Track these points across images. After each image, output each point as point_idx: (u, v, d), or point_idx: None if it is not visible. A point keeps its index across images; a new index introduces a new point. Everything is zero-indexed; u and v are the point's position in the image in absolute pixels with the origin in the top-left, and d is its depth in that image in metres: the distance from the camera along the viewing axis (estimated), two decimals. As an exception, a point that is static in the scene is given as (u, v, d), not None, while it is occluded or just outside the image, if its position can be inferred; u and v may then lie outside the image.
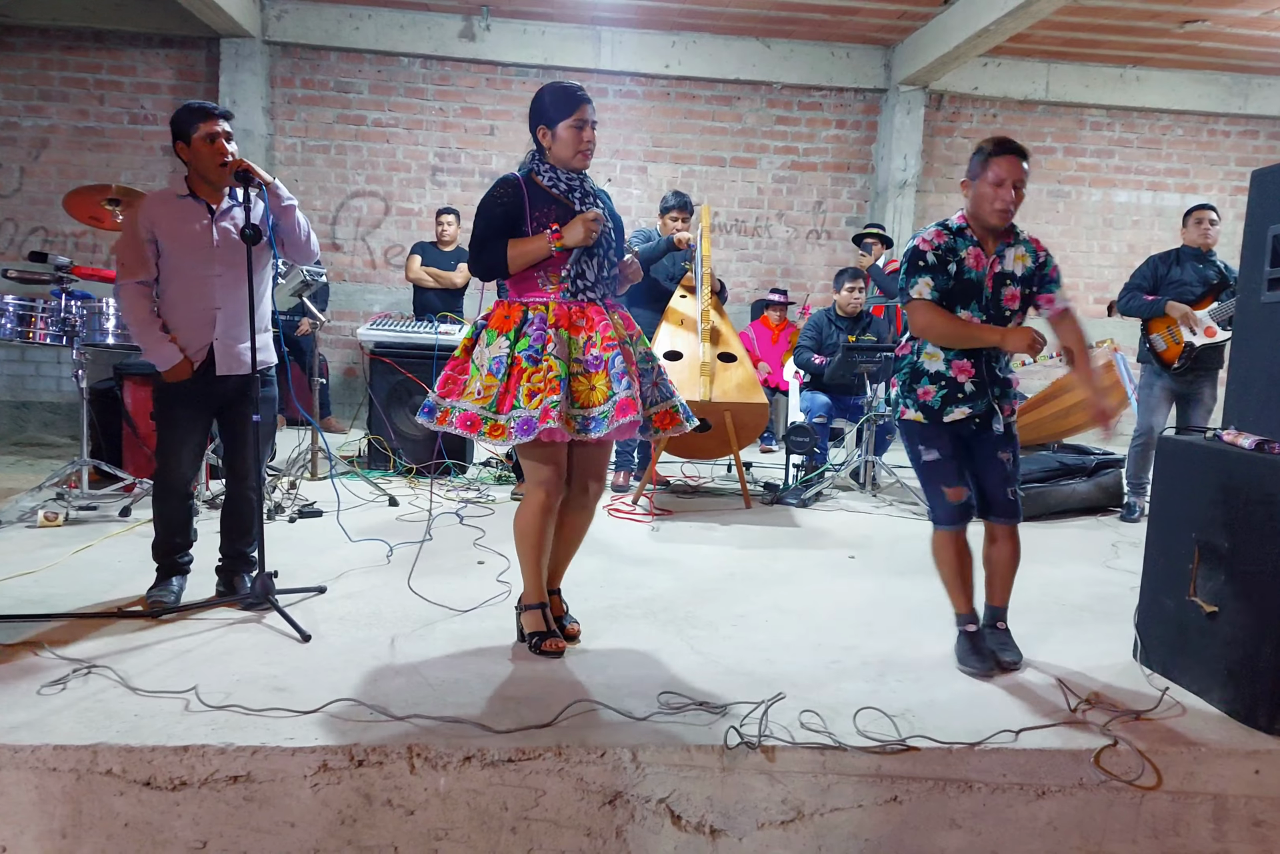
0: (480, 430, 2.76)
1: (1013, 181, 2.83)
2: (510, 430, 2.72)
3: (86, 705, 2.43)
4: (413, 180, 8.49)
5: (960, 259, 2.93)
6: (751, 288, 8.92)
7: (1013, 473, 3.04)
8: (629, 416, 2.71)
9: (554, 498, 2.87)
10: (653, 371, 2.97)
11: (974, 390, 2.96)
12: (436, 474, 5.64)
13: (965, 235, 2.96)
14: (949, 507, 2.98)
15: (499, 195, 2.86)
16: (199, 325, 3.18)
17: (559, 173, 2.88)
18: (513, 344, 2.78)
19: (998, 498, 3.03)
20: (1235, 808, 2.45)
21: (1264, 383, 2.80)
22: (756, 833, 2.34)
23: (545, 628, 2.94)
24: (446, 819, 2.28)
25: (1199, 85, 8.99)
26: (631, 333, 2.95)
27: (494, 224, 2.84)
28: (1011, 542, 3.07)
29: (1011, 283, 2.97)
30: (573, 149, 2.84)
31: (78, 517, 4.39)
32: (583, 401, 2.78)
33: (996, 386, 2.99)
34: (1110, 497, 5.57)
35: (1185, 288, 5.10)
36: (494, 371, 2.77)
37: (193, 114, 3.12)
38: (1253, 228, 2.90)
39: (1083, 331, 3.05)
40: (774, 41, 8.51)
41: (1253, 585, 2.59)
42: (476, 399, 2.78)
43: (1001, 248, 2.96)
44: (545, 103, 2.85)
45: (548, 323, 2.79)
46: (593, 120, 2.85)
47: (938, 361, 3.00)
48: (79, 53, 8.04)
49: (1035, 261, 3.00)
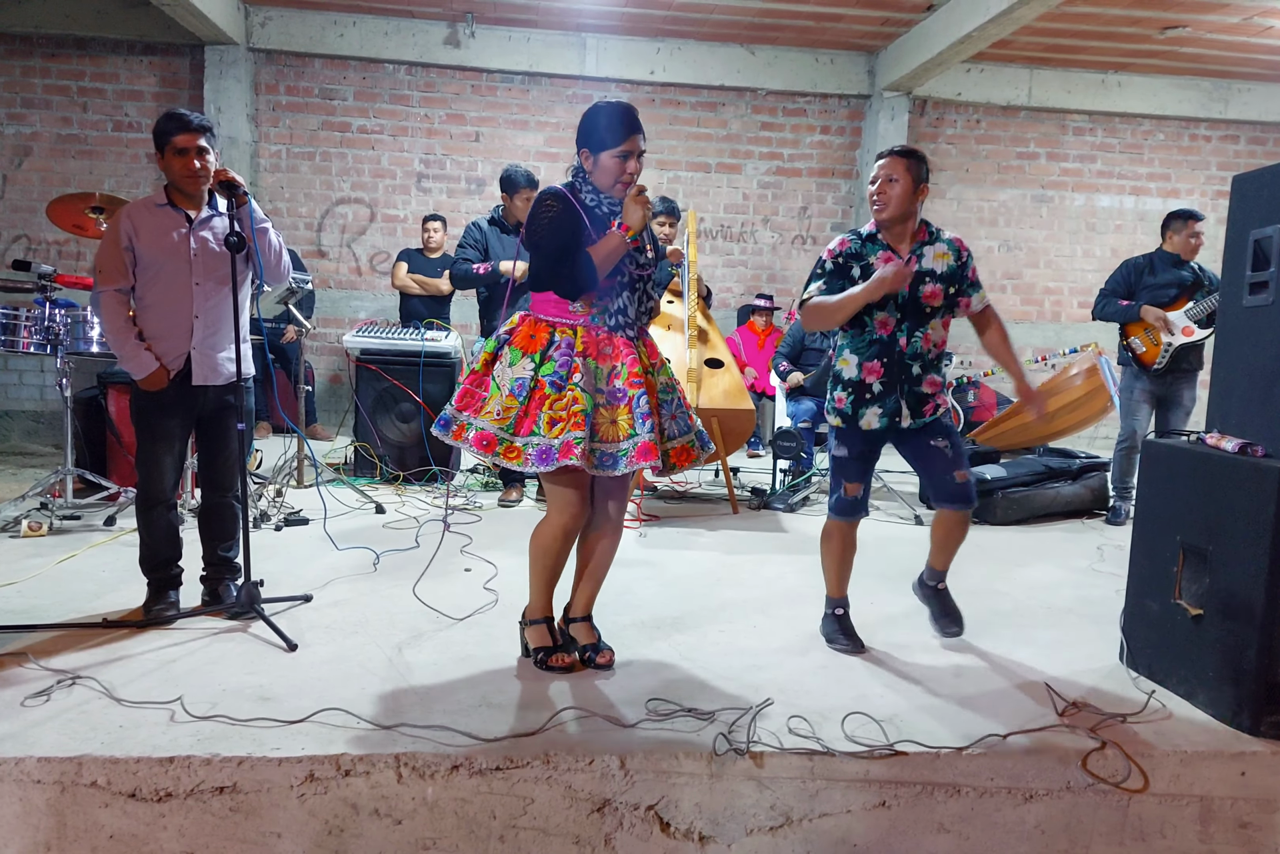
0: (495, 451, 2.68)
1: (883, 177, 2.99)
2: (528, 456, 2.65)
3: (70, 717, 2.41)
4: (398, 187, 8.48)
5: (867, 264, 3.04)
6: (737, 293, 8.93)
7: (955, 458, 3.11)
8: (648, 462, 2.65)
9: (576, 521, 2.80)
10: (672, 403, 2.87)
11: (881, 390, 3.07)
12: (425, 481, 5.63)
13: (876, 240, 3.08)
14: (843, 500, 3.17)
15: (551, 208, 2.72)
16: (176, 334, 3.16)
17: (601, 196, 2.78)
18: (537, 367, 2.69)
19: (944, 482, 3.12)
20: (1221, 810, 2.46)
21: (1246, 386, 2.81)
22: (745, 839, 2.34)
23: (551, 643, 2.89)
24: (434, 828, 2.27)
25: (1180, 90, 9.06)
26: (655, 361, 2.87)
27: (566, 237, 2.70)
28: (963, 526, 3.19)
29: (931, 280, 3.06)
30: (613, 178, 2.73)
31: (62, 526, 4.36)
32: (603, 435, 2.70)
33: (907, 385, 3.07)
34: (1096, 500, 5.59)
35: (1160, 291, 5.14)
36: (515, 393, 2.69)
37: (170, 122, 3.08)
38: (1234, 233, 2.92)
39: (1004, 330, 3.22)
40: (758, 48, 8.54)
41: (1237, 588, 2.60)
42: (495, 419, 2.69)
43: (918, 247, 3.07)
44: (594, 124, 2.73)
45: (575, 350, 2.70)
46: (641, 151, 2.73)
47: (850, 367, 3.11)
48: (61, 60, 8.00)
49: (957, 260, 3.11)
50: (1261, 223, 2.77)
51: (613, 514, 2.94)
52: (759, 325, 7.93)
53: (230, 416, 3.23)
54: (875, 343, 3.07)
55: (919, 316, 3.06)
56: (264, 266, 3.22)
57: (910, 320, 3.06)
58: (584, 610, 2.98)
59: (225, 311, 3.18)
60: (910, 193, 2.99)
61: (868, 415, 3.09)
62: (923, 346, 3.08)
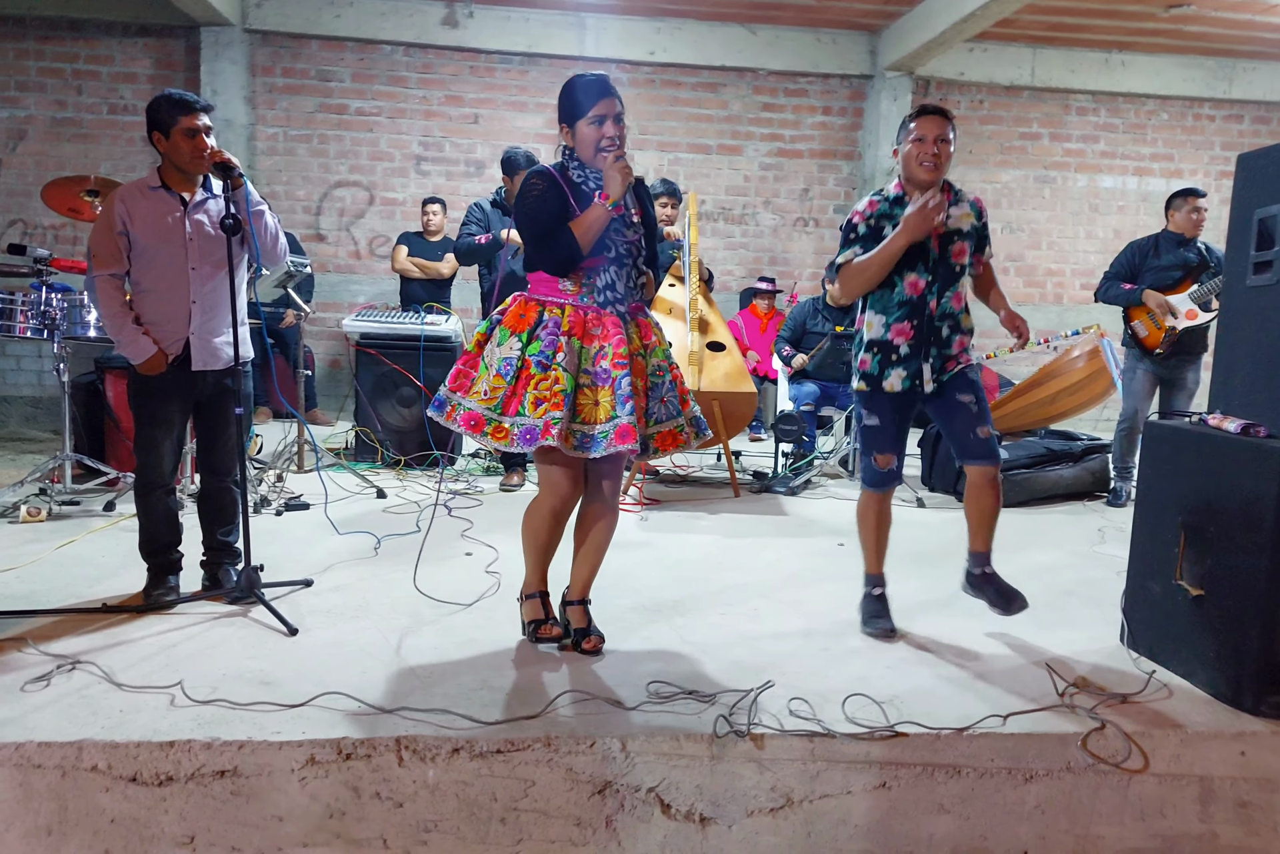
0: (484, 430, 2.68)
1: (934, 137, 2.97)
2: (514, 436, 2.65)
3: (70, 701, 2.41)
4: (396, 169, 8.43)
5: (898, 224, 3.00)
6: (739, 276, 8.90)
7: (979, 414, 3.07)
8: (626, 444, 2.61)
9: (567, 503, 2.79)
10: (663, 386, 2.83)
11: (909, 351, 3.07)
12: (426, 466, 5.63)
13: (902, 203, 3.05)
14: (876, 472, 3.14)
15: (536, 185, 2.71)
16: (174, 319, 3.14)
17: (587, 171, 2.74)
18: (524, 346, 2.68)
19: (968, 439, 3.07)
20: (1221, 790, 2.46)
21: (1249, 367, 2.80)
22: (746, 821, 2.34)
23: (542, 616, 2.92)
24: (435, 811, 2.28)
25: (1184, 70, 8.99)
26: (648, 342, 2.83)
27: (549, 215, 2.68)
28: (992, 489, 3.09)
29: (959, 239, 3.07)
30: (593, 146, 2.69)
31: (61, 512, 4.36)
32: (585, 417, 2.68)
33: (935, 347, 3.07)
34: (1097, 482, 5.58)
35: (1164, 273, 5.11)
36: (503, 373, 2.68)
37: (174, 106, 3.06)
38: (1238, 212, 2.90)
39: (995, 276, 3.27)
40: (759, 27, 8.47)
41: (1238, 569, 2.60)
42: (483, 399, 2.69)
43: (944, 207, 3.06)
44: (566, 98, 2.72)
45: (561, 329, 2.68)
46: (616, 113, 2.69)
47: (876, 328, 3.11)
48: (55, 42, 7.95)
49: (979, 219, 3.14)
50: (1267, 201, 2.75)
51: (607, 496, 2.91)
52: (761, 309, 7.89)
53: (229, 401, 3.22)
54: (905, 304, 3.05)
55: (949, 276, 3.06)
56: (260, 249, 3.20)
57: (940, 281, 3.05)
58: (580, 594, 2.96)
59: (223, 296, 3.16)
60: (952, 154, 3.02)
61: (891, 377, 3.07)
62: (953, 306, 3.08)
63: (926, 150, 2.96)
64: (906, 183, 3.07)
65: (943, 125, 2.97)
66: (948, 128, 2.98)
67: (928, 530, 4.58)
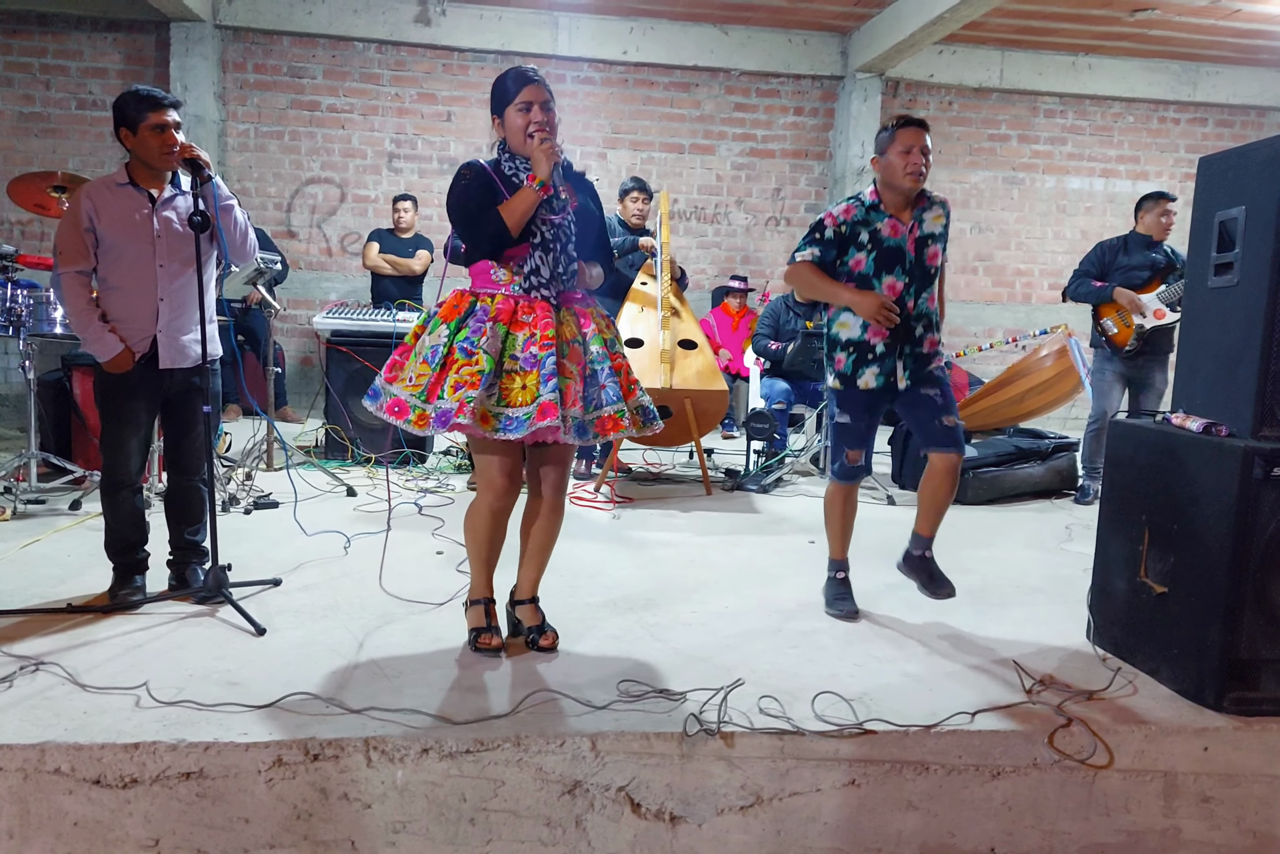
0: (407, 418, 2.67)
1: (919, 148, 3.06)
2: (431, 420, 2.64)
3: (33, 703, 2.38)
4: (369, 167, 8.39)
5: (875, 230, 3.12)
6: (711, 275, 8.92)
7: (944, 405, 3.16)
8: (548, 419, 2.59)
9: (505, 498, 2.77)
10: (602, 373, 2.79)
11: (884, 351, 3.15)
12: (395, 463, 5.60)
13: (878, 210, 3.15)
14: (845, 466, 3.28)
15: (465, 176, 2.73)
16: (141, 316, 3.11)
17: (518, 162, 2.75)
18: (452, 334, 2.69)
19: (933, 426, 3.15)
20: (1185, 785, 2.49)
21: (1211, 367, 2.83)
22: (716, 819, 2.35)
23: (484, 624, 2.86)
24: (404, 812, 2.27)
25: (1149, 73, 9.10)
26: (585, 330, 2.80)
27: (476, 201, 2.68)
28: (950, 477, 3.15)
29: (933, 242, 3.17)
30: (521, 133, 2.69)
31: (26, 511, 4.31)
32: (509, 400, 2.66)
33: (909, 346, 3.16)
34: (1065, 480, 5.64)
35: (1133, 273, 5.17)
36: (428, 360, 2.69)
37: (141, 102, 3.03)
38: (1200, 214, 2.93)
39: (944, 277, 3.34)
40: (731, 28, 8.49)
41: (1201, 566, 2.63)
42: (408, 386, 2.70)
43: (919, 213, 3.16)
44: (494, 91, 2.74)
45: (488, 315, 2.69)
46: (544, 101, 2.69)
47: (852, 329, 3.19)
48: (23, 36, 7.85)
49: (947, 219, 3.22)
50: (1226, 204, 2.78)
51: (549, 493, 2.88)
52: (733, 307, 7.91)
53: (196, 399, 3.19)
54: None
55: (925, 278, 3.17)
56: (229, 246, 3.17)
57: (917, 283, 3.15)
58: (529, 592, 2.95)
59: (191, 293, 3.12)
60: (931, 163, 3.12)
61: (866, 374, 3.17)
62: (927, 307, 3.19)
63: (915, 160, 3.05)
64: (884, 190, 3.14)
65: (924, 136, 3.08)
66: (928, 138, 3.08)
67: (898, 528, 4.60)
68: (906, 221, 3.13)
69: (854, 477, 3.29)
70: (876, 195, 3.15)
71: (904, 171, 3.05)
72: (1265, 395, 2.61)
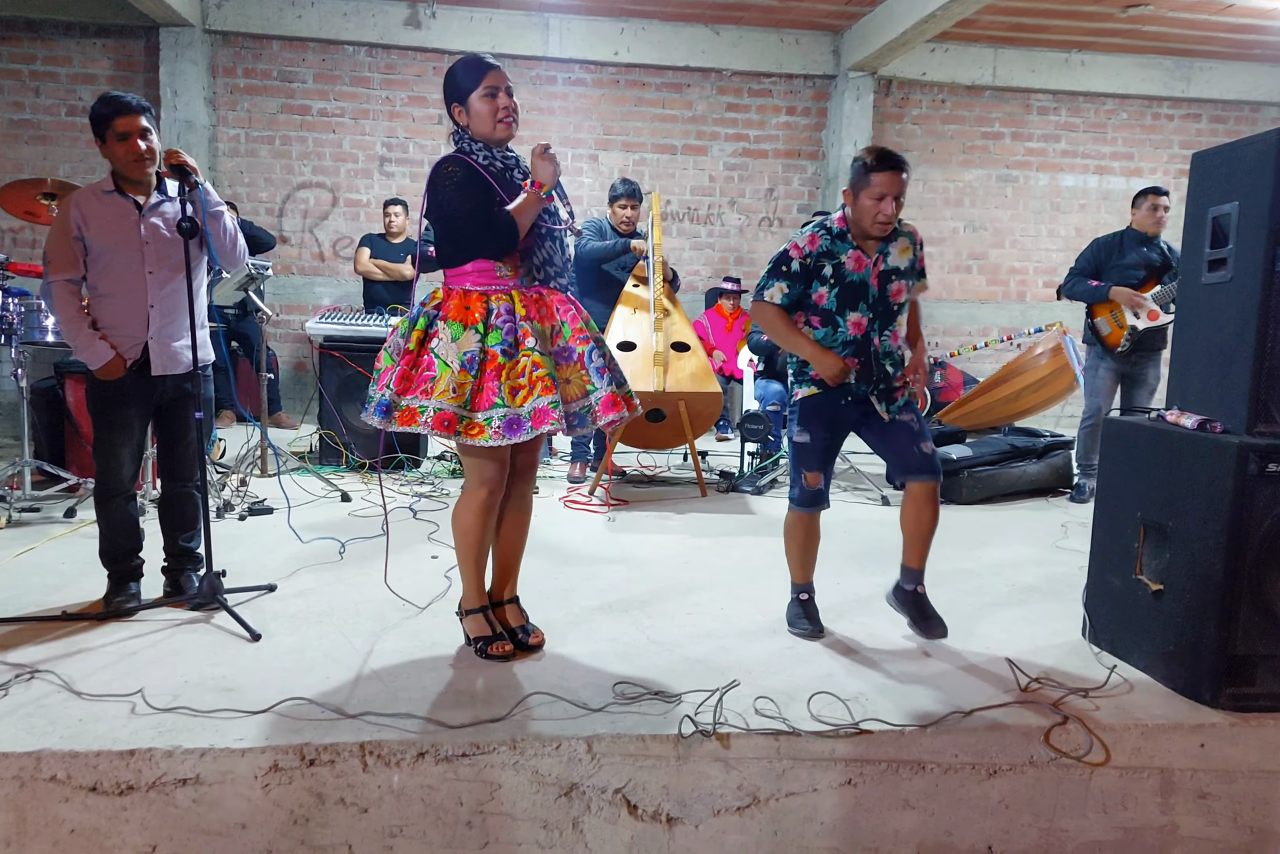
0: (457, 430, 2.60)
1: (893, 195, 2.92)
2: (495, 430, 2.58)
3: (29, 711, 2.37)
4: (360, 171, 8.37)
5: (839, 262, 3.01)
6: (705, 276, 8.91)
7: (920, 432, 3.08)
8: (615, 413, 2.63)
9: (495, 497, 2.76)
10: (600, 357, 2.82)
11: (855, 386, 3.05)
12: (390, 468, 5.59)
13: (845, 239, 3.03)
14: (805, 490, 3.12)
15: (453, 173, 2.63)
16: (132, 323, 3.10)
17: (494, 151, 2.71)
18: (483, 338, 2.63)
19: (912, 454, 3.07)
20: (1181, 781, 2.49)
21: (1205, 363, 2.83)
22: (712, 820, 2.35)
23: (490, 632, 2.84)
24: (401, 816, 2.26)
25: (1142, 69, 9.10)
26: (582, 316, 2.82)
27: (475, 198, 2.61)
28: (930, 504, 3.08)
29: (897, 277, 3.06)
30: (491, 119, 2.65)
31: (20, 519, 4.30)
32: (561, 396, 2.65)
33: (883, 383, 3.06)
34: (1060, 478, 5.64)
35: (1129, 271, 5.16)
36: (466, 368, 2.61)
37: (107, 106, 3.01)
38: (1194, 210, 2.93)
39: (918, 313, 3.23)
40: (723, 28, 8.49)
41: (1196, 563, 2.63)
42: (451, 397, 2.60)
43: (884, 246, 3.05)
44: (451, 81, 2.70)
45: (517, 315, 2.65)
46: (507, 86, 2.67)
47: None
48: (12, 43, 7.82)
49: (915, 252, 3.11)
50: (1220, 200, 2.78)
51: (516, 482, 2.89)
52: (726, 308, 7.90)
53: (189, 405, 3.19)
54: (850, 343, 3.02)
55: (889, 315, 3.05)
56: (218, 251, 3.16)
57: (881, 319, 3.04)
58: (510, 594, 2.97)
59: (181, 300, 3.11)
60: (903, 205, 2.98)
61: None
62: (891, 344, 3.08)
63: (885, 210, 2.91)
64: (853, 224, 3.02)
65: (901, 183, 2.92)
66: (904, 184, 2.93)
67: (892, 528, 4.59)
68: (871, 254, 3.02)
69: (814, 504, 3.13)
70: (844, 223, 3.04)
71: (873, 219, 2.93)
72: (1259, 391, 2.62)
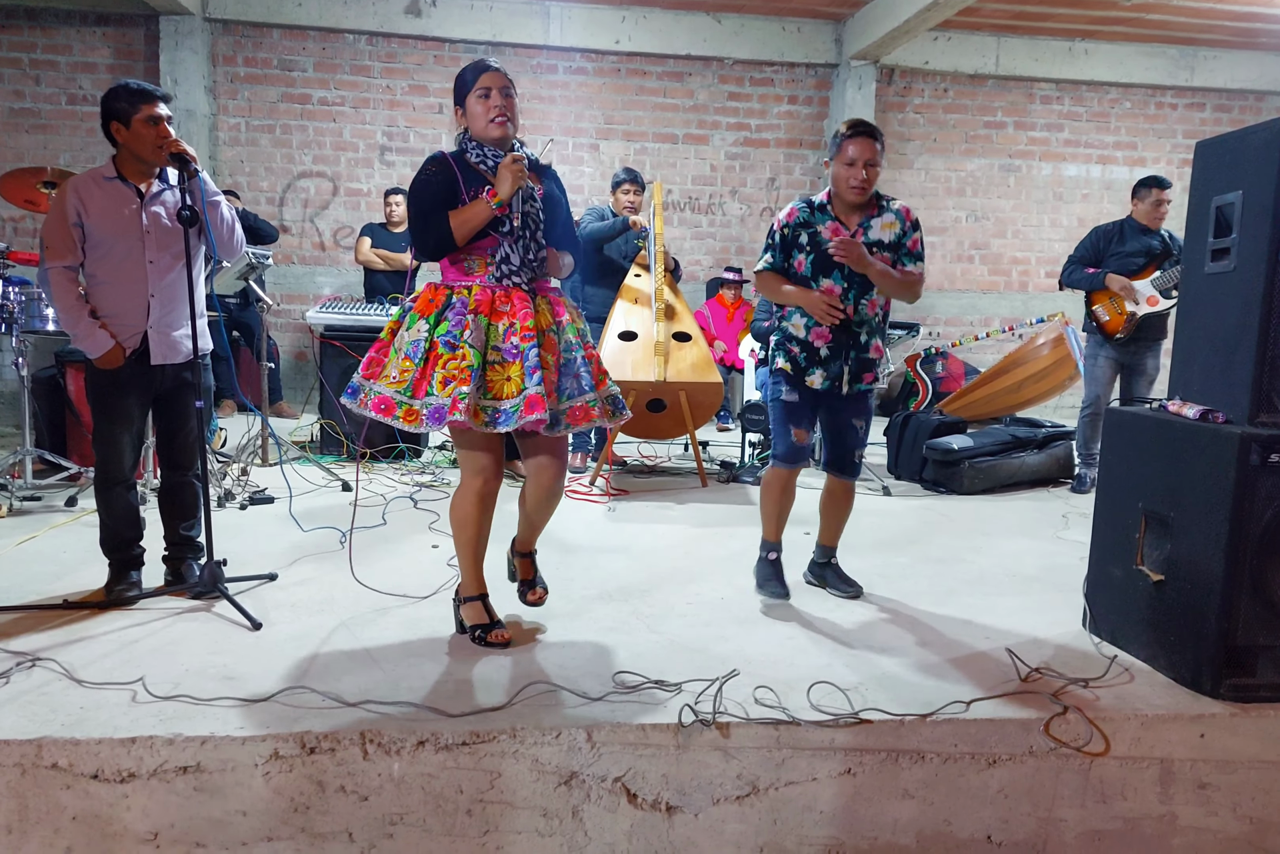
0: (395, 414, 2.69)
1: (864, 161, 3.04)
2: (423, 417, 2.66)
3: (30, 699, 2.38)
4: (361, 160, 8.36)
5: (814, 232, 3.15)
6: (706, 266, 8.90)
7: (860, 440, 3.34)
8: (535, 414, 2.62)
9: (490, 485, 2.79)
10: (575, 362, 2.81)
11: (829, 354, 3.21)
12: (390, 458, 5.59)
13: (825, 211, 3.17)
14: (790, 446, 3.28)
15: (428, 172, 2.77)
16: (132, 312, 3.09)
17: (485, 149, 2.78)
18: (432, 328, 2.70)
19: (845, 457, 3.35)
20: (1181, 771, 2.49)
21: (1207, 353, 2.82)
22: (712, 809, 2.35)
23: (488, 620, 2.86)
24: (401, 804, 2.27)
25: (1146, 58, 9.06)
26: (560, 319, 2.82)
27: (431, 200, 2.74)
28: (849, 496, 3.43)
29: (879, 250, 3.16)
30: (482, 119, 2.74)
31: (21, 507, 4.30)
32: (495, 392, 2.69)
33: (854, 351, 3.21)
34: (1061, 468, 5.64)
35: (1128, 259, 5.15)
36: (410, 355, 2.70)
37: (134, 94, 3.01)
38: (1197, 199, 2.92)
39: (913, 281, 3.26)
40: (724, 16, 8.45)
41: (1197, 554, 2.63)
42: (392, 383, 2.71)
43: (866, 220, 3.16)
44: (457, 82, 2.81)
45: (468, 308, 2.71)
46: (502, 87, 2.73)
47: (800, 330, 3.24)
48: (12, 31, 7.80)
49: (902, 229, 3.19)
50: (1223, 189, 2.77)
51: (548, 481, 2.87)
52: (728, 298, 7.90)
53: (189, 394, 3.18)
54: None
55: (865, 284, 3.15)
56: (216, 241, 3.15)
57: (856, 288, 3.15)
58: (526, 547, 3.06)
59: (181, 289, 3.10)
60: (879, 173, 3.09)
61: (815, 375, 3.22)
62: (868, 312, 3.19)
63: (855, 174, 3.05)
64: (837, 200, 3.17)
65: (873, 149, 3.04)
66: (877, 151, 3.05)
67: (893, 519, 4.61)
68: (851, 226, 3.14)
69: (797, 459, 3.30)
70: (829, 196, 3.18)
71: (846, 185, 3.08)
72: (1262, 382, 2.61)
